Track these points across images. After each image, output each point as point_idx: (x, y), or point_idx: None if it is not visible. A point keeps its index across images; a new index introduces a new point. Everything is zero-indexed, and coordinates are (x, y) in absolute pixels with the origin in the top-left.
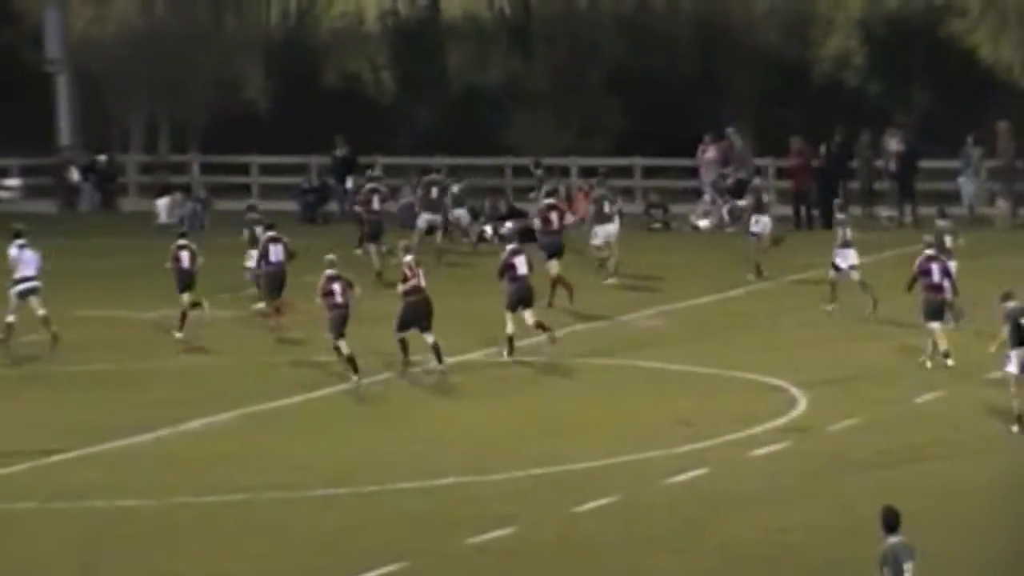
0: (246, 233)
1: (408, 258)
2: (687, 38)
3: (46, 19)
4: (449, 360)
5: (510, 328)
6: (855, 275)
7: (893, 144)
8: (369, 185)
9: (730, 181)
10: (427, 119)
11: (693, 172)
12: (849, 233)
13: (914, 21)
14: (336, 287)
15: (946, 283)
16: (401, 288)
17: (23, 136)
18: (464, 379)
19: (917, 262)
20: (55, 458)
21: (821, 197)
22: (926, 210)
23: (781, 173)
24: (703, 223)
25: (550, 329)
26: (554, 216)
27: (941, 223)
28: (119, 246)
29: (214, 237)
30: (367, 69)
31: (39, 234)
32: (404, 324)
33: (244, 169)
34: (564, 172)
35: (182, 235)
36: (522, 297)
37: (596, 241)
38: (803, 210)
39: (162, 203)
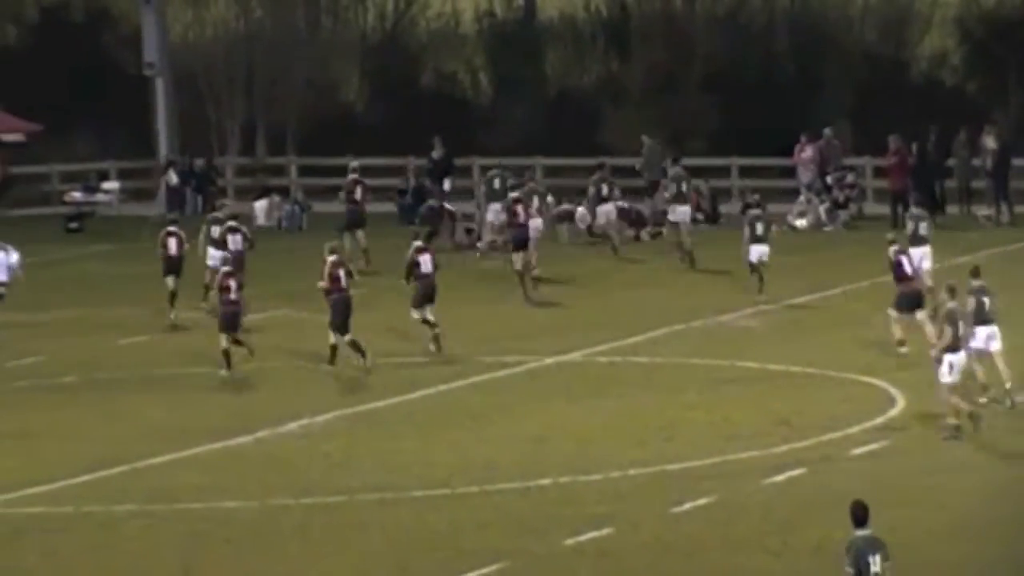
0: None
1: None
2: (784, 37)
3: (144, 23)
4: (549, 360)
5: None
6: (926, 279)
7: (990, 142)
8: (352, 176)
9: (828, 179)
10: (523, 120)
11: (790, 171)
12: (924, 228)
13: (1011, 19)
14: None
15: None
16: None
17: (121, 140)
18: (563, 379)
19: None
20: (154, 460)
21: (917, 196)
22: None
23: (878, 172)
24: (800, 223)
25: (435, 329)
26: (520, 210)
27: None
28: None
29: (312, 239)
30: (464, 70)
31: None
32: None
33: (341, 171)
34: (661, 172)
35: (172, 222)
36: (427, 295)
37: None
38: (900, 209)
39: (260, 206)
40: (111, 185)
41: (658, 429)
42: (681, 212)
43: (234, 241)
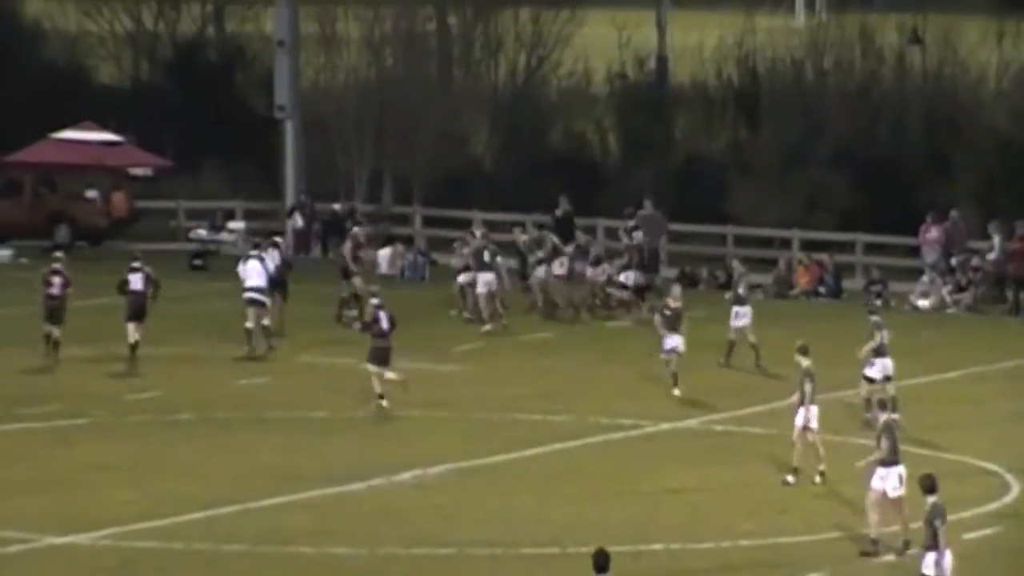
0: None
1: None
2: (914, 116)
3: (277, 65)
4: (665, 425)
5: (376, 386)
6: None
7: None
8: (358, 230)
9: (953, 262)
10: (650, 184)
11: (915, 250)
12: None
13: None
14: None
15: None
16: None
17: (249, 180)
18: (679, 445)
19: None
20: (266, 502)
21: None
22: None
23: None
24: (923, 303)
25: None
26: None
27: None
28: (336, 295)
29: (434, 290)
30: (592, 130)
31: None
32: None
33: (466, 223)
34: (786, 244)
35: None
36: (381, 356)
37: (480, 290)
38: (1021, 296)
39: (383, 254)
40: (237, 225)
41: (772, 501)
42: (743, 314)
43: (135, 280)
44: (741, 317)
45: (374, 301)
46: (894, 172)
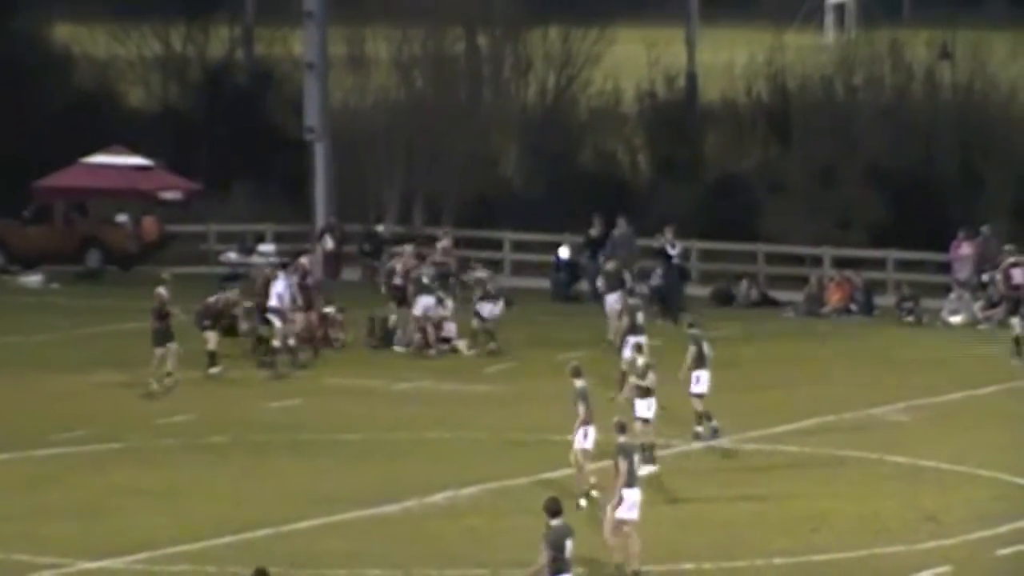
0: None
1: None
2: (945, 132)
3: (306, 88)
4: (697, 445)
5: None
6: None
7: None
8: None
9: (984, 277)
10: (681, 202)
11: (947, 267)
12: None
13: None
14: None
15: None
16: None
17: (279, 203)
18: (711, 464)
19: None
20: (299, 525)
21: None
22: None
23: None
24: (955, 319)
25: None
26: None
27: None
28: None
29: (465, 311)
30: (623, 150)
31: None
32: None
33: (497, 244)
34: (817, 262)
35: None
36: None
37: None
38: None
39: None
40: (267, 247)
41: (805, 519)
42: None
43: None
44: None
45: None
46: (925, 188)
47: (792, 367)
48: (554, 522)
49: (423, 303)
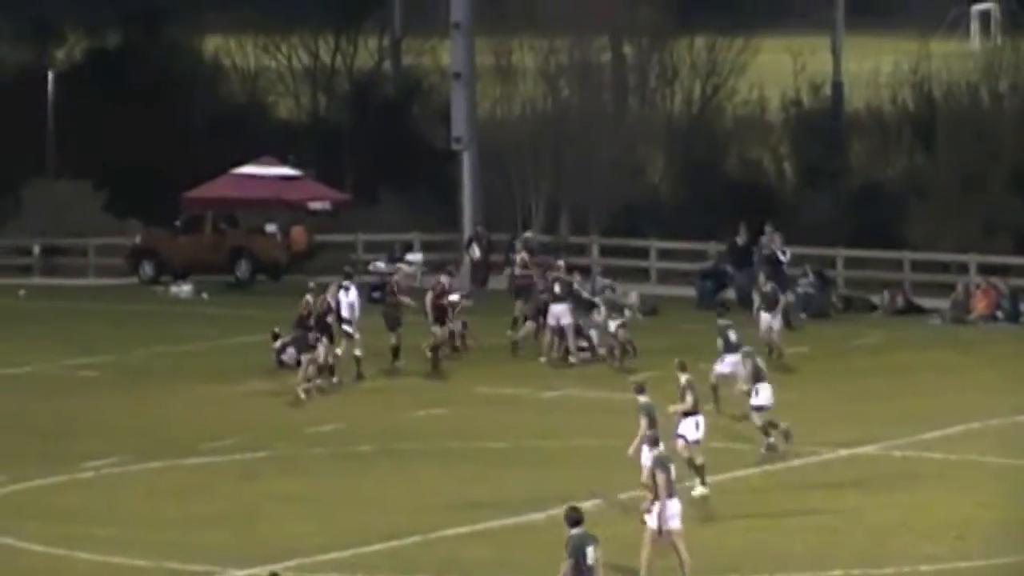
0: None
1: None
2: None
3: (454, 98)
4: (843, 452)
5: None
6: None
7: None
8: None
9: None
10: (827, 210)
11: None
12: None
13: None
14: None
15: None
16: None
17: (427, 212)
18: (857, 471)
19: None
20: (446, 532)
21: None
22: None
23: None
24: None
25: None
26: None
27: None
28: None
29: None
30: (768, 158)
31: None
32: None
33: (643, 253)
34: (963, 269)
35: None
36: None
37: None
38: None
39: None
40: (415, 257)
41: (951, 526)
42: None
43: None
44: (728, 365)
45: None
46: None
47: (938, 374)
48: (574, 531)
49: (555, 311)
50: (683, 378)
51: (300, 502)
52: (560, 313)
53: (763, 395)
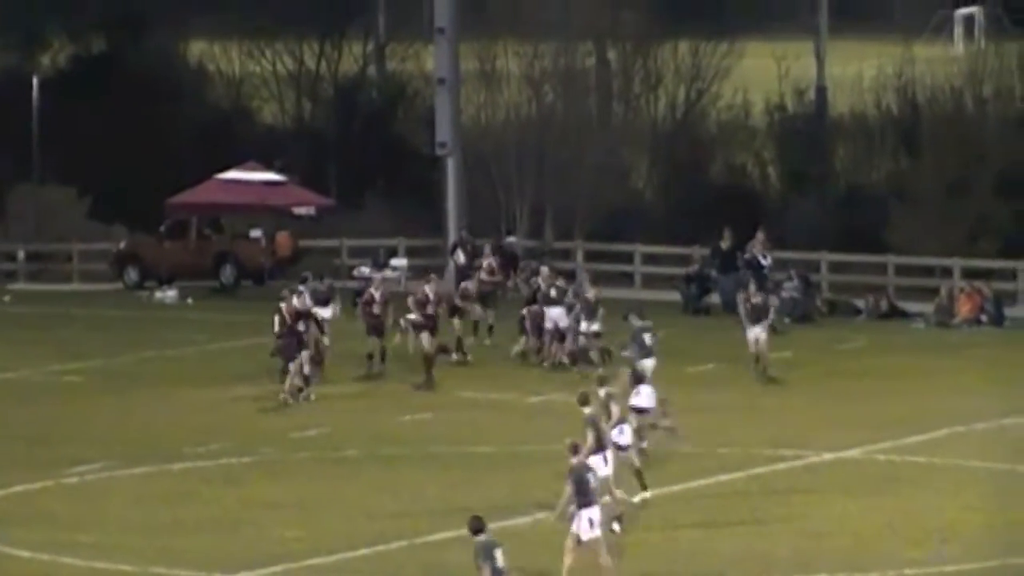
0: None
1: None
2: None
3: (438, 103)
4: (827, 456)
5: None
6: None
7: None
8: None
9: None
10: (811, 214)
11: None
12: None
13: None
14: None
15: None
16: None
17: (411, 217)
18: (841, 475)
19: None
20: (432, 537)
21: None
22: None
23: None
24: None
25: None
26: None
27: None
28: (500, 329)
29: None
30: (753, 162)
31: None
32: None
33: (628, 258)
34: (947, 273)
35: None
36: None
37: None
38: None
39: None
40: (399, 262)
41: (936, 530)
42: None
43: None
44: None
45: None
46: None
47: (922, 378)
48: (478, 538)
49: (552, 315)
50: (586, 411)
51: (286, 507)
52: (557, 316)
53: (644, 397)
